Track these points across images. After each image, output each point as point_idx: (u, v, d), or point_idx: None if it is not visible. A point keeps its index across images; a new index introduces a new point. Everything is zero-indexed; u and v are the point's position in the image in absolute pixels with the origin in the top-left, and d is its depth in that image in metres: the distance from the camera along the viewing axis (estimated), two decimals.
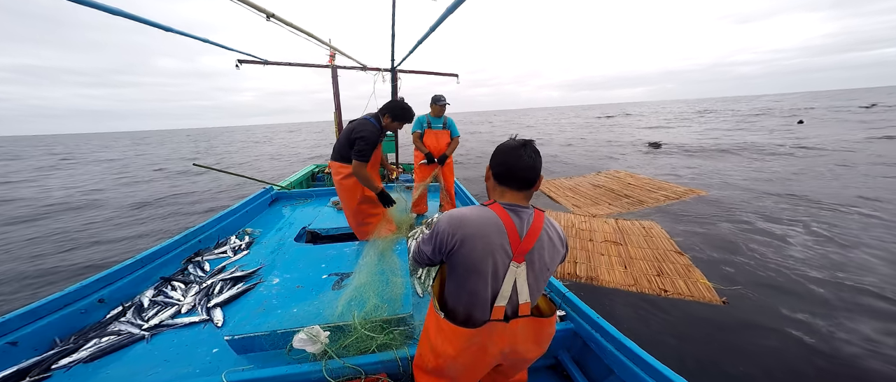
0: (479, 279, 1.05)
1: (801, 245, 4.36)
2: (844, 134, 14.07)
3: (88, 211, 8.40)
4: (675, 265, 3.89)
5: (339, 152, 2.51)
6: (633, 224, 5.16)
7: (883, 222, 4.92)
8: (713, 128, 20.60)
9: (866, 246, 4.20)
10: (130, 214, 7.98)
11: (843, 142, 11.87)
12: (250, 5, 2.42)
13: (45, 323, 1.74)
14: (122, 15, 2.04)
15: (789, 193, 6.47)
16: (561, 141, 18.37)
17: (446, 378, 1.20)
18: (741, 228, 4.96)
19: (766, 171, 8.46)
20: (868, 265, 3.80)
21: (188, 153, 24.70)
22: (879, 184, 6.78)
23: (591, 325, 1.68)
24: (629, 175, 8.32)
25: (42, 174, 15.88)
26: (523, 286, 1.06)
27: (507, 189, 1.08)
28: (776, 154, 10.70)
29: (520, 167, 1.04)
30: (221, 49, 3.47)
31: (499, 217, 1.03)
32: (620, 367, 1.51)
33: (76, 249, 5.74)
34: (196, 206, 8.55)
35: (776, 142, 12.61)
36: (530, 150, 1.05)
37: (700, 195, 6.47)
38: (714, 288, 3.41)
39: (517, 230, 1.03)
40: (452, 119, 3.85)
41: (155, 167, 16.85)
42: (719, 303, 3.19)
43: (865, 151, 10.22)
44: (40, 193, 10.90)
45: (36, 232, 6.76)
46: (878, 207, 5.53)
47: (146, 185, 11.69)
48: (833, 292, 3.35)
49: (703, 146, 13.16)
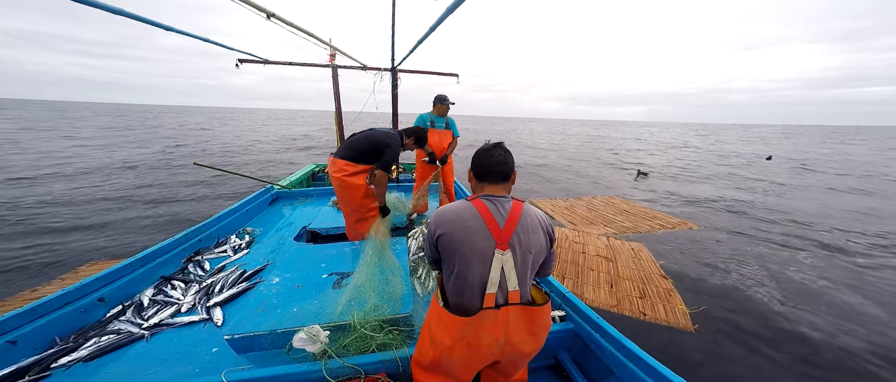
0: (463, 261, 1.14)
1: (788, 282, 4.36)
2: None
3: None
4: (657, 288, 4.01)
5: (351, 151, 2.57)
6: (623, 244, 5.32)
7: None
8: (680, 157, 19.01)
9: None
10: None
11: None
12: (251, 5, 2.42)
13: (44, 322, 1.74)
14: (124, 14, 2.04)
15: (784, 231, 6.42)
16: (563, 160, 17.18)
17: (443, 373, 1.22)
18: (726, 263, 4.96)
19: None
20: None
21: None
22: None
23: (591, 325, 1.68)
24: (625, 202, 8.38)
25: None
26: (511, 272, 1.13)
27: (486, 184, 1.24)
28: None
29: (493, 163, 1.22)
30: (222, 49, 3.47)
31: (475, 206, 1.17)
32: (620, 367, 1.51)
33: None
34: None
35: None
36: (501, 150, 1.24)
37: (692, 228, 6.54)
38: (690, 314, 3.55)
39: (495, 218, 1.14)
40: (454, 119, 3.88)
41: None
42: (691, 331, 3.31)
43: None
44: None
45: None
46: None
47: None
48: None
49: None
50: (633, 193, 9.54)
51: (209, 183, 9.32)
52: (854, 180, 12.27)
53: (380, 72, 5.16)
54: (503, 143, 1.27)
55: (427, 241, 1.26)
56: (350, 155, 2.57)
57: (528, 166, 14.05)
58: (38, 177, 9.13)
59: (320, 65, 5.27)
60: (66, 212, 6.46)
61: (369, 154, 2.58)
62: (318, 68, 5.41)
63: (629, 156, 18.80)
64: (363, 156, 2.57)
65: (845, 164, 16.86)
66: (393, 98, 5.31)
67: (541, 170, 13.35)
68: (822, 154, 22.22)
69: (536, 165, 14.45)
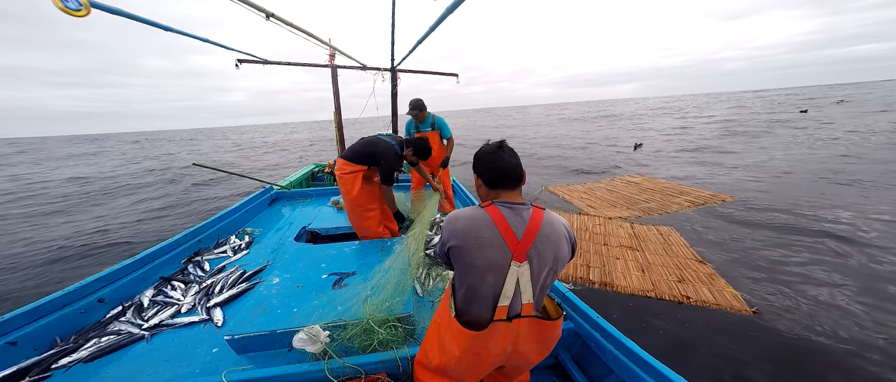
0: (475, 274, 1.07)
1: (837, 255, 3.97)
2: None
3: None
4: (696, 273, 3.62)
5: (351, 151, 2.79)
6: (649, 229, 4.86)
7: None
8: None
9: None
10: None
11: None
12: (250, 5, 2.42)
13: (44, 323, 1.74)
14: (123, 14, 2.04)
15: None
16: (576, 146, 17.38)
17: (448, 377, 1.20)
18: (769, 238, 4.58)
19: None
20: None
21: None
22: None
23: (592, 325, 1.68)
24: (647, 179, 7.88)
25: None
26: (527, 285, 1.06)
27: (500, 190, 1.14)
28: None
29: (505, 168, 1.12)
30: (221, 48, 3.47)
31: (491, 216, 1.07)
32: (620, 367, 1.51)
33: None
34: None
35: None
36: (508, 151, 1.15)
37: (726, 201, 6.00)
38: (743, 297, 3.15)
39: (513, 228, 1.05)
40: (442, 118, 3.87)
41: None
42: (749, 313, 2.96)
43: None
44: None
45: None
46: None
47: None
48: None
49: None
50: (655, 172, 9.10)
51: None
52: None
53: (380, 72, 5.16)
54: (506, 142, 1.19)
55: (439, 248, 1.19)
56: (349, 155, 2.80)
57: (537, 155, 13.74)
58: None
59: (320, 66, 5.27)
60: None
61: (364, 157, 2.77)
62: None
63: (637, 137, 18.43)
64: (359, 158, 2.78)
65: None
66: (392, 98, 5.31)
67: (549, 160, 12.99)
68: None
69: (545, 154, 14.02)
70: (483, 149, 1.18)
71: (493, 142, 1.19)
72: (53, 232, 6.79)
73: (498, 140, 1.20)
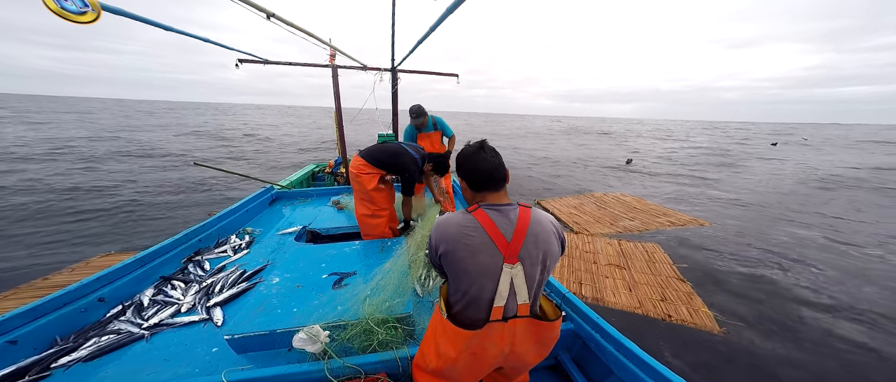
0: (468, 278, 1.07)
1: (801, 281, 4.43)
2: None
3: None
4: (677, 292, 3.95)
5: (373, 156, 2.86)
6: (636, 246, 5.17)
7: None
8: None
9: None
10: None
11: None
12: (251, 5, 2.42)
13: (44, 322, 1.74)
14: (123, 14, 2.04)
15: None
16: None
17: (446, 379, 1.20)
18: (741, 262, 4.98)
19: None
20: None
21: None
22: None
23: (591, 326, 1.68)
24: (635, 199, 8.30)
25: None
26: (521, 286, 1.06)
27: (485, 192, 1.15)
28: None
29: (487, 168, 1.12)
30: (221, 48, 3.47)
31: (479, 220, 1.07)
32: (620, 367, 1.51)
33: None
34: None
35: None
36: (489, 151, 1.15)
37: (703, 225, 6.48)
38: (714, 317, 3.52)
39: (502, 231, 1.05)
40: (441, 118, 3.96)
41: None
42: (719, 332, 3.29)
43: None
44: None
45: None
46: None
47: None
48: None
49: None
50: (641, 192, 9.66)
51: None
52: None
53: (380, 72, 5.16)
54: (487, 141, 1.18)
55: (430, 253, 1.19)
56: (371, 159, 2.85)
57: (534, 164, 14.29)
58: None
59: (320, 65, 5.27)
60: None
61: (387, 165, 2.86)
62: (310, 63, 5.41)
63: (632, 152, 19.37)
64: (380, 165, 2.86)
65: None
66: (393, 97, 5.31)
67: (548, 167, 13.57)
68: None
69: (545, 164, 14.68)
70: (464, 151, 1.18)
71: (474, 143, 1.18)
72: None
73: (478, 140, 1.19)
